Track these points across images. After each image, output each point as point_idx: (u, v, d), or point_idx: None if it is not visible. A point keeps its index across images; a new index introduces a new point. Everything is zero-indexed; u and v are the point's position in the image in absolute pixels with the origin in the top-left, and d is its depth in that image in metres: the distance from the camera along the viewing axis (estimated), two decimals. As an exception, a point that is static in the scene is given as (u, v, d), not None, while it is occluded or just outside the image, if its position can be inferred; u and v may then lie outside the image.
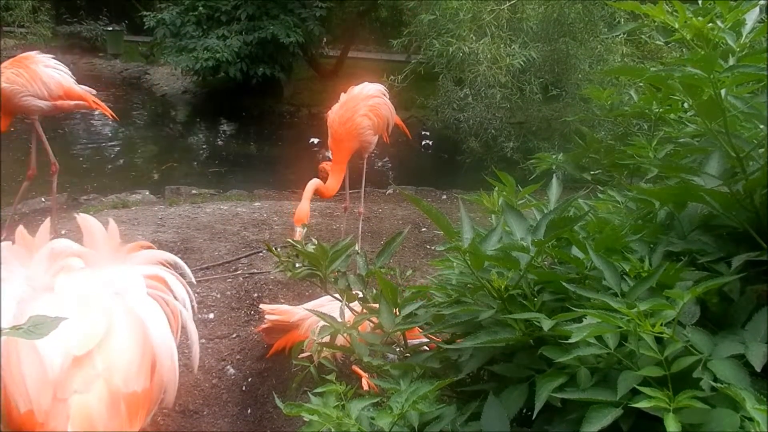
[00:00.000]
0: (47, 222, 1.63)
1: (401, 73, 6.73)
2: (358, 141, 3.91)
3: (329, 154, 4.12)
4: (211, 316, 3.52)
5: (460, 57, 5.97)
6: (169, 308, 1.61)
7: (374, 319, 1.37)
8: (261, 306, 3.16)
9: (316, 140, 8.66)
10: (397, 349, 1.42)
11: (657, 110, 1.64)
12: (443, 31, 6.17)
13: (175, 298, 1.64)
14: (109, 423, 1.36)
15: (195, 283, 1.73)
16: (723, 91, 1.07)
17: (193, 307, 1.69)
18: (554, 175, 1.53)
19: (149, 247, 1.74)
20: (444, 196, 6.44)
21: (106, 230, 1.65)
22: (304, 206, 3.48)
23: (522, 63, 5.91)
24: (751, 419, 0.81)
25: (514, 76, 6.29)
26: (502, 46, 6.01)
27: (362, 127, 3.88)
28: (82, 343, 1.39)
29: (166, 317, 1.58)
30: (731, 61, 1.13)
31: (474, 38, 5.98)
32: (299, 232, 3.31)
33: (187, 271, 1.75)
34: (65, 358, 1.36)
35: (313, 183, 3.72)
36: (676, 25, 1.16)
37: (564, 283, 1.09)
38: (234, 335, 3.36)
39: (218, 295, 3.74)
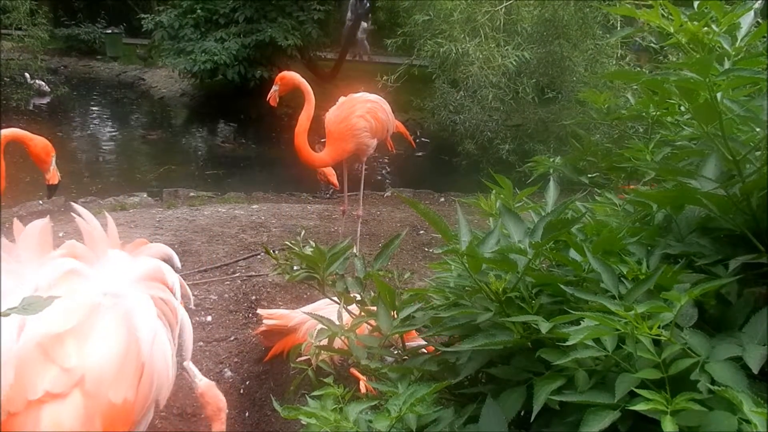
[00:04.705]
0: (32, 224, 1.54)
1: (394, 73, 6.74)
2: (353, 142, 3.88)
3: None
4: (209, 318, 3.51)
5: (453, 58, 5.97)
6: (167, 307, 1.55)
7: (372, 322, 1.37)
8: (258, 311, 3.16)
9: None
10: (395, 352, 1.42)
11: (654, 113, 1.65)
12: (437, 32, 6.18)
13: (172, 293, 1.58)
14: None
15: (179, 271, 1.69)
16: (719, 95, 1.08)
17: (189, 302, 1.65)
18: (551, 177, 1.53)
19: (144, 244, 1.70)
20: (442, 199, 6.45)
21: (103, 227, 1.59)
22: (296, 78, 3.79)
23: (514, 63, 5.91)
24: (748, 421, 0.81)
25: (510, 79, 6.30)
26: (495, 47, 6.01)
27: (358, 128, 3.85)
28: (51, 324, 1.29)
29: (164, 316, 1.52)
30: (727, 65, 1.13)
31: (467, 39, 5.99)
32: (273, 90, 3.75)
33: (177, 263, 1.71)
34: (30, 338, 1.27)
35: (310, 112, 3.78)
36: (672, 29, 1.17)
37: (562, 286, 1.09)
38: (232, 338, 3.35)
39: (216, 298, 3.74)
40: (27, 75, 11.56)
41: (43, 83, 11.78)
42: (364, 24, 13.82)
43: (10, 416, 1.25)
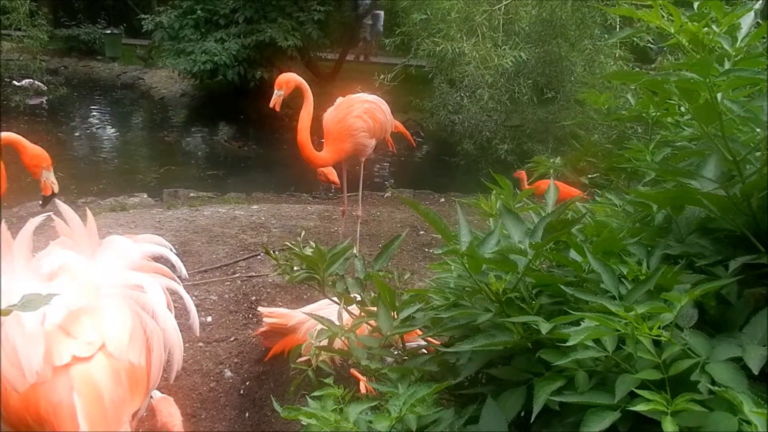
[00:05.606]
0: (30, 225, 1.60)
1: (391, 72, 6.73)
2: (351, 142, 3.87)
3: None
4: (209, 319, 3.51)
5: (449, 57, 5.97)
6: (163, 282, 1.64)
7: (372, 323, 1.37)
8: (259, 309, 3.16)
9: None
10: (395, 353, 1.42)
11: (654, 114, 1.65)
12: (434, 32, 6.18)
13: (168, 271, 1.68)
14: (113, 392, 1.36)
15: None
16: (719, 95, 1.08)
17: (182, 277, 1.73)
18: (551, 177, 1.54)
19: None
20: (442, 199, 6.45)
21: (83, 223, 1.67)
22: (297, 78, 3.70)
23: (510, 63, 5.90)
24: (748, 422, 0.81)
25: (508, 79, 6.29)
26: (491, 47, 6.00)
27: (356, 128, 3.84)
28: (68, 305, 1.40)
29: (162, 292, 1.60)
30: (727, 65, 1.13)
31: (464, 39, 5.98)
32: (276, 95, 3.64)
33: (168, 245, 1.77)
34: (55, 315, 1.37)
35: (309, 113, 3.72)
36: (672, 30, 1.17)
37: (562, 286, 1.09)
38: (232, 338, 3.35)
39: (216, 299, 3.74)
40: (19, 76, 11.56)
41: (41, 84, 11.79)
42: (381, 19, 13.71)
43: (35, 386, 1.32)
